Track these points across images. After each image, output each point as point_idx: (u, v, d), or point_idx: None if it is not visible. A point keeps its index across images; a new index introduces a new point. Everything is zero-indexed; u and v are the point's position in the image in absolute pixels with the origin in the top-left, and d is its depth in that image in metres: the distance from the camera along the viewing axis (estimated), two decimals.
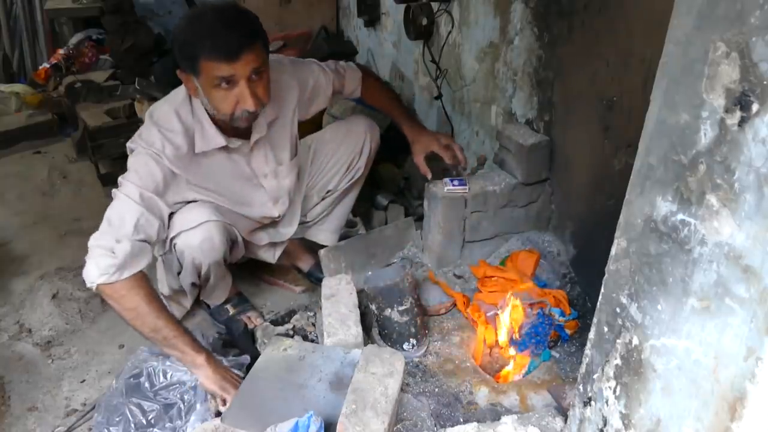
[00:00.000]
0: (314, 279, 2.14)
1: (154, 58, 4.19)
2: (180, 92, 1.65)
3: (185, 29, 1.50)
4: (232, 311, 1.96)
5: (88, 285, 1.49)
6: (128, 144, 1.63)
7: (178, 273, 1.80)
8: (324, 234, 2.16)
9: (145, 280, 1.51)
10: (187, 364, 1.49)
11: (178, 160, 1.58)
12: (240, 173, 1.76)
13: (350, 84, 1.99)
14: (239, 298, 2.01)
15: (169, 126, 1.59)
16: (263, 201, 1.86)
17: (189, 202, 1.68)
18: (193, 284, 1.82)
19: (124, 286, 1.47)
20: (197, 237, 1.65)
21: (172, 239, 1.67)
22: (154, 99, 3.30)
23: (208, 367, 1.48)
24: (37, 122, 3.62)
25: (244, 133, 1.69)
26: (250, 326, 1.89)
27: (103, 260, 1.45)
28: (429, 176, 1.90)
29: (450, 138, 1.91)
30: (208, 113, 1.61)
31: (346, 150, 2.04)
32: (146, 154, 1.56)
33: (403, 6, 2.65)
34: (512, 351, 1.59)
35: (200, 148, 1.63)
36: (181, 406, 1.46)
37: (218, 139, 1.64)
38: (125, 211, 1.51)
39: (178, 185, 1.62)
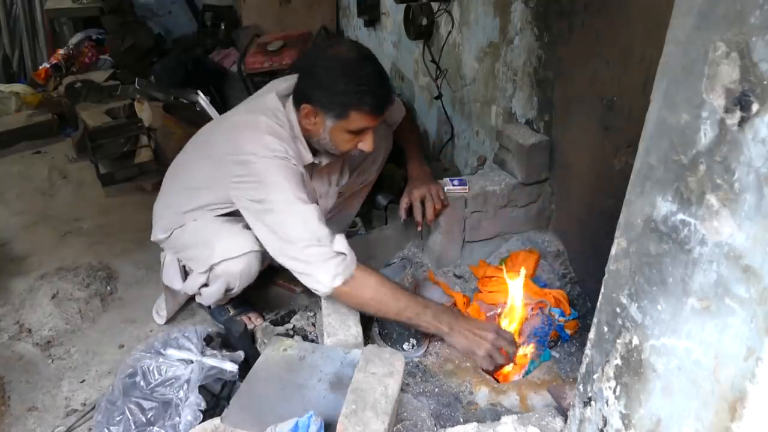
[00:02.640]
0: None
1: (154, 58, 4.20)
2: (271, 109, 1.63)
3: (341, 78, 1.49)
4: (232, 311, 1.96)
5: (324, 293, 1.48)
6: (245, 157, 1.55)
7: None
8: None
9: (367, 265, 1.52)
10: (441, 335, 1.55)
11: (298, 162, 1.61)
12: (308, 189, 1.79)
13: (394, 116, 2.02)
14: (239, 299, 2.01)
15: (281, 134, 1.59)
16: None
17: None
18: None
19: (358, 278, 1.47)
20: (239, 266, 1.67)
21: (212, 265, 1.68)
22: (154, 99, 3.31)
23: (455, 337, 1.53)
24: (37, 122, 3.62)
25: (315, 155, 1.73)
26: (250, 326, 1.89)
27: (329, 263, 1.45)
28: (402, 219, 1.89)
29: (435, 192, 1.81)
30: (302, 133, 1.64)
31: (359, 155, 2.06)
32: (279, 165, 1.54)
33: (403, 6, 2.66)
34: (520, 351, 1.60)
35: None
36: (178, 402, 1.46)
37: (308, 156, 1.67)
38: (302, 218, 1.49)
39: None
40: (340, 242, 1.48)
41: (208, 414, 1.45)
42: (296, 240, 1.47)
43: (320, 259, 1.45)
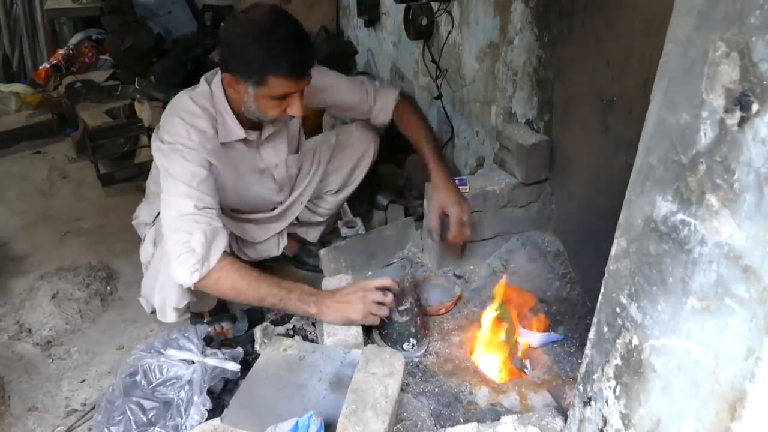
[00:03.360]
0: (301, 263, 2.25)
1: (154, 58, 4.20)
2: (199, 87, 1.68)
3: (252, 43, 1.48)
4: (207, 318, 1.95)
5: (185, 286, 1.54)
6: (153, 144, 1.62)
7: None
8: (314, 233, 2.25)
9: (231, 257, 1.57)
10: (310, 317, 1.57)
11: (207, 143, 1.61)
12: (253, 163, 1.82)
13: (379, 114, 1.97)
14: (219, 306, 2.00)
15: (192, 111, 1.61)
16: (270, 189, 1.93)
17: None
18: None
19: (214, 273, 1.52)
20: None
21: None
22: (154, 99, 3.31)
23: (326, 313, 1.53)
24: (37, 122, 3.62)
25: (256, 126, 1.74)
26: (216, 337, 1.86)
27: (186, 258, 1.49)
28: (436, 238, 1.83)
29: (467, 212, 1.77)
30: (230, 107, 1.65)
31: (348, 158, 2.12)
32: (175, 151, 1.56)
33: (403, 6, 2.66)
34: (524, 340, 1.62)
35: (222, 139, 1.67)
36: (180, 402, 1.46)
37: (239, 132, 1.68)
38: (179, 210, 1.53)
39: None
40: (198, 239, 1.50)
41: (208, 414, 1.45)
42: (167, 227, 1.54)
43: (178, 251, 1.50)
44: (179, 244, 1.50)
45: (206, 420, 1.41)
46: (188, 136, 1.57)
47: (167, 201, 1.56)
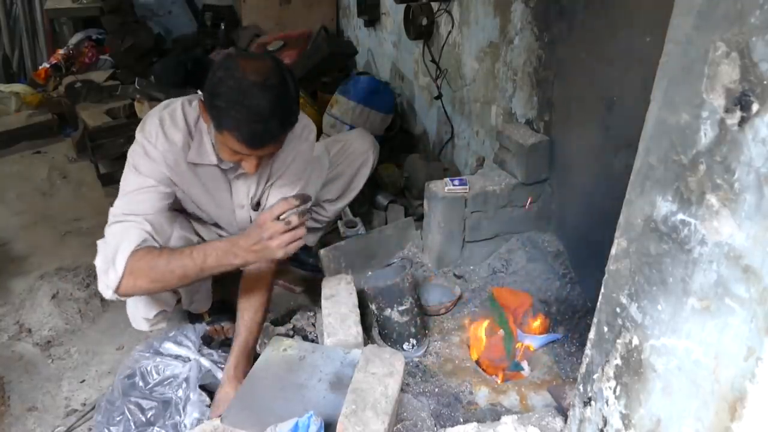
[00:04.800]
0: (301, 262, 2.20)
1: (154, 58, 4.20)
2: (195, 101, 1.62)
3: (225, 95, 1.39)
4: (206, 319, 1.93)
5: (109, 297, 1.47)
6: (130, 150, 1.58)
7: None
8: (312, 237, 2.21)
9: (138, 252, 1.44)
10: (232, 263, 1.44)
11: (169, 155, 1.55)
12: (224, 187, 1.72)
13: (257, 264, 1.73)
14: (216, 305, 1.97)
15: (174, 119, 1.57)
16: (230, 223, 1.81)
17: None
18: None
19: (127, 280, 1.43)
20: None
21: None
22: (154, 99, 3.31)
23: (250, 260, 1.43)
24: (37, 122, 3.62)
25: None
26: (216, 336, 1.85)
27: (99, 274, 1.45)
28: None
29: None
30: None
31: (347, 166, 2.10)
32: (136, 154, 1.53)
33: (403, 6, 2.66)
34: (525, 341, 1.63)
35: (191, 159, 1.59)
36: (178, 400, 1.46)
37: (212, 158, 1.60)
38: (118, 233, 1.49)
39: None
40: (103, 253, 1.45)
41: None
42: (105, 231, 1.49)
43: (101, 264, 1.44)
44: (103, 252, 1.45)
45: (207, 416, 1.42)
46: (155, 141, 1.52)
47: (110, 223, 1.51)
